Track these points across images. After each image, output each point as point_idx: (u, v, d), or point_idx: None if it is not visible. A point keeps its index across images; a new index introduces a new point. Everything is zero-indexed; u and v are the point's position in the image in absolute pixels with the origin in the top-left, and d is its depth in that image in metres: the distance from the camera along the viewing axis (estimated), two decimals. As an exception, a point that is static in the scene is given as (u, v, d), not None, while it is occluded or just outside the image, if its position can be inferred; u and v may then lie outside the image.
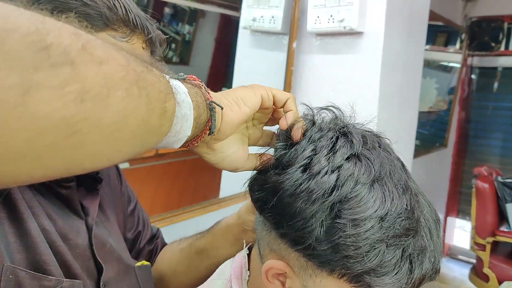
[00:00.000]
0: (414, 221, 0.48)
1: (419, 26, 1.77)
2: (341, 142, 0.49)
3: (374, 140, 0.52)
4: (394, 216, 0.47)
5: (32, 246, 0.51)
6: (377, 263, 0.46)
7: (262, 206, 0.52)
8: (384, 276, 0.47)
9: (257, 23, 1.67)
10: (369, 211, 0.46)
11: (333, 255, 0.46)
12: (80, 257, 0.59)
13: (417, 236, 0.49)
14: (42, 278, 0.51)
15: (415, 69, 1.79)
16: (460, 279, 3.26)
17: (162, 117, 0.36)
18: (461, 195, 3.72)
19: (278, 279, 0.53)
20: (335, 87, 1.56)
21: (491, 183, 2.70)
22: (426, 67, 3.14)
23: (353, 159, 0.49)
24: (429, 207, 0.54)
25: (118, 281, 0.65)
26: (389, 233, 0.46)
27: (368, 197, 0.46)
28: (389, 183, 0.48)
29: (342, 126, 0.52)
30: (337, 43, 1.54)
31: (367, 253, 0.45)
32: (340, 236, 0.46)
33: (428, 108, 3.38)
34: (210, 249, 0.77)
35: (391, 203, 0.47)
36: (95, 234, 0.62)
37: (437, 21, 3.02)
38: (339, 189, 0.46)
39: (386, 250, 0.46)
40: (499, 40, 3.38)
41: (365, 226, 0.45)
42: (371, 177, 0.48)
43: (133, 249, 0.82)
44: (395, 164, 0.52)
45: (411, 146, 1.86)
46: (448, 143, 3.56)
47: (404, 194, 0.49)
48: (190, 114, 0.40)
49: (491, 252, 2.63)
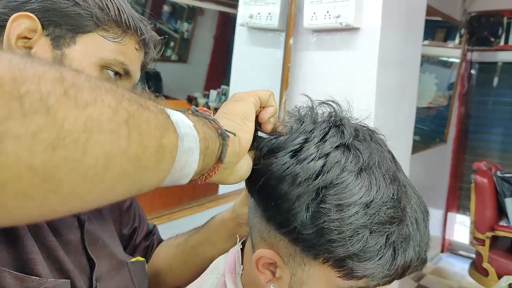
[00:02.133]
0: (400, 210, 0.49)
1: (416, 22, 1.77)
2: (332, 132, 0.51)
3: (366, 134, 0.54)
4: (379, 204, 0.48)
5: (19, 244, 0.51)
6: (360, 248, 0.47)
7: (251, 188, 0.54)
8: (367, 261, 0.48)
9: (254, 20, 1.67)
10: (354, 197, 0.47)
11: (317, 239, 0.48)
12: (72, 252, 0.59)
13: (402, 224, 0.50)
14: (25, 278, 0.50)
15: (412, 64, 1.79)
16: (461, 274, 3.27)
17: (159, 154, 0.35)
18: (461, 190, 3.72)
19: (269, 269, 0.54)
20: (332, 83, 1.56)
21: (490, 178, 2.70)
22: (425, 63, 3.14)
23: (341, 148, 0.50)
24: (418, 199, 0.55)
25: (110, 276, 0.65)
26: (373, 219, 0.47)
27: (354, 183, 0.48)
28: (377, 173, 0.50)
29: (337, 119, 0.53)
30: (334, 39, 1.54)
31: (350, 237, 0.47)
32: (324, 221, 0.47)
33: (428, 103, 3.38)
34: (205, 244, 0.77)
35: (377, 191, 0.48)
36: (88, 230, 0.63)
37: (436, 16, 3.01)
38: (325, 175, 0.48)
39: (370, 236, 0.47)
40: (498, 35, 3.37)
41: (349, 212, 0.47)
42: (359, 165, 0.49)
43: (129, 245, 0.82)
44: (384, 156, 0.53)
45: (409, 142, 1.86)
46: (448, 138, 3.56)
47: (392, 184, 0.50)
48: (196, 147, 0.39)
49: (491, 246, 2.63)
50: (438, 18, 3.07)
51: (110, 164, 0.30)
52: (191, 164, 0.39)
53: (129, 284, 0.69)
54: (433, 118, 3.57)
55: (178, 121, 0.38)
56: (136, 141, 0.32)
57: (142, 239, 0.84)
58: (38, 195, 0.27)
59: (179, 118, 0.39)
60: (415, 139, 2.33)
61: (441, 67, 3.54)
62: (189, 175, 0.40)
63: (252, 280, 0.59)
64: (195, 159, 0.39)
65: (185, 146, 0.37)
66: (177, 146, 0.37)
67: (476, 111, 3.67)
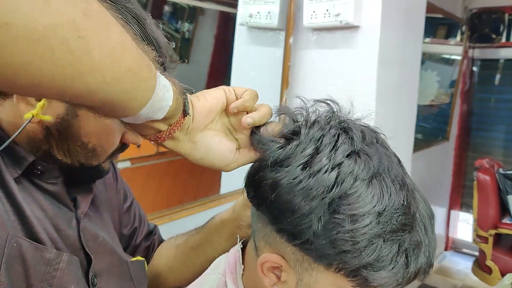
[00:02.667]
0: (410, 217, 0.49)
1: (416, 19, 1.76)
2: (342, 139, 0.50)
3: (372, 136, 0.53)
4: (391, 212, 0.47)
5: (30, 224, 0.53)
6: (374, 257, 0.47)
7: (260, 203, 0.52)
8: (380, 271, 0.47)
9: (253, 19, 1.67)
10: (367, 206, 0.46)
11: (330, 250, 0.47)
12: (70, 247, 0.60)
13: (413, 231, 0.49)
14: (43, 249, 0.52)
15: (413, 62, 1.79)
16: (464, 272, 3.26)
17: (149, 70, 0.41)
18: (464, 188, 3.71)
19: (274, 273, 0.54)
20: (333, 82, 1.56)
21: (492, 175, 2.69)
22: (427, 60, 3.13)
23: (353, 156, 0.49)
24: (424, 203, 0.54)
25: (109, 273, 0.66)
26: (386, 228, 0.47)
27: (366, 193, 0.47)
28: (387, 179, 0.49)
29: (341, 121, 0.52)
30: (334, 38, 1.54)
31: (364, 248, 0.46)
32: (338, 231, 0.46)
33: (430, 101, 3.37)
34: (205, 245, 0.77)
35: (388, 199, 0.48)
36: (84, 226, 0.63)
37: (437, 14, 3.01)
38: (339, 186, 0.47)
39: (383, 245, 0.47)
40: (500, 32, 3.36)
41: (363, 222, 0.46)
42: (370, 173, 0.48)
43: (130, 245, 0.82)
44: (392, 160, 0.52)
45: (411, 140, 1.86)
46: (450, 136, 3.55)
47: (401, 190, 0.49)
48: (169, 86, 0.44)
49: (494, 244, 2.62)
50: (439, 15, 3.06)
51: (124, 54, 0.37)
52: (168, 99, 0.43)
53: (129, 283, 0.70)
54: (435, 116, 3.56)
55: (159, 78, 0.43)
56: (137, 51, 0.39)
57: (143, 239, 0.85)
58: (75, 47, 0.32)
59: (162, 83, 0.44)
60: (417, 137, 2.33)
61: (442, 64, 3.53)
62: (165, 108, 0.44)
63: (253, 280, 0.59)
64: (170, 97, 0.44)
65: (162, 82, 0.43)
66: (157, 78, 0.42)
67: (478, 108, 3.65)
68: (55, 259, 0.53)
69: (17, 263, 0.50)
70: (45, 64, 0.31)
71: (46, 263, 0.52)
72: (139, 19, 0.55)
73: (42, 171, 0.59)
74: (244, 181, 0.55)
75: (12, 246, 0.49)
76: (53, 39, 0.30)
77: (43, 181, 0.59)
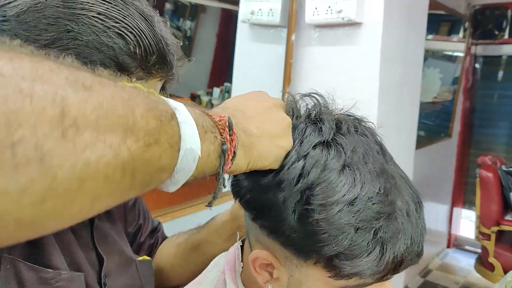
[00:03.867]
0: (387, 204, 0.48)
1: (419, 16, 1.76)
2: (309, 131, 0.50)
3: (350, 125, 0.52)
4: (364, 200, 0.47)
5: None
6: (347, 246, 0.46)
7: (240, 201, 0.54)
8: (354, 259, 0.47)
9: (255, 16, 1.67)
10: (337, 195, 0.46)
11: (305, 241, 0.47)
12: (83, 247, 0.60)
13: (390, 219, 0.48)
14: (40, 270, 0.52)
15: (415, 59, 1.78)
16: (467, 269, 3.25)
17: (141, 192, 0.33)
18: (466, 185, 3.69)
19: (266, 270, 0.54)
20: (335, 79, 1.55)
21: (495, 172, 2.68)
22: (430, 57, 3.12)
23: (320, 146, 0.49)
24: (410, 189, 0.53)
25: (118, 272, 0.66)
26: (358, 216, 0.46)
27: (336, 182, 0.47)
28: (362, 167, 0.49)
29: (314, 114, 0.53)
30: (336, 35, 1.54)
31: (335, 237, 0.46)
32: (310, 222, 0.47)
33: (433, 98, 3.36)
34: (205, 245, 0.78)
35: (361, 188, 0.47)
36: (97, 226, 0.64)
37: (440, 10, 2.99)
38: (306, 177, 0.47)
39: (356, 234, 0.46)
40: (503, 28, 3.34)
41: (332, 211, 0.46)
42: (341, 162, 0.48)
43: (134, 244, 0.82)
44: (371, 147, 0.51)
45: (413, 137, 1.85)
46: (453, 133, 3.54)
47: (378, 178, 0.49)
48: (182, 181, 0.37)
49: (496, 241, 2.61)
50: (441, 12, 3.05)
51: (94, 207, 0.29)
52: (172, 188, 0.38)
53: (136, 281, 0.70)
54: (438, 113, 3.55)
55: (186, 153, 0.35)
56: (126, 184, 0.30)
57: (147, 237, 0.85)
58: (22, 238, 0.26)
59: (191, 147, 0.35)
60: (420, 134, 2.32)
61: (445, 61, 3.52)
62: (169, 191, 0.38)
63: (251, 278, 0.59)
64: (178, 186, 0.37)
65: (173, 181, 0.36)
66: (165, 184, 0.36)
67: (481, 105, 3.64)
68: (53, 278, 0.52)
69: (13, 284, 0.49)
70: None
71: (43, 283, 0.52)
72: (147, 17, 0.53)
73: None
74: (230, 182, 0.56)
75: (5, 268, 0.48)
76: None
77: None
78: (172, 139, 0.33)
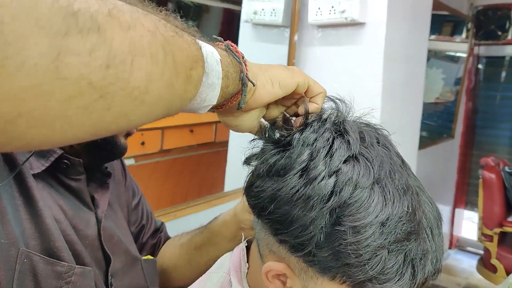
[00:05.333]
0: (416, 224, 0.47)
1: (422, 16, 1.75)
2: (338, 144, 0.48)
3: (372, 136, 0.50)
4: (395, 220, 0.45)
5: (47, 232, 0.53)
6: (379, 270, 0.45)
7: (260, 213, 0.50)
8: (386, 283, 0.46)
9: (258, 16, 1.66)
10: (370, 217, 0.44)
11: (334, 262, 0.46)
12: (89, 247, 0.60)
13: (419, 239, 0.47)
14: (55, 263, 0.53)
15: (419, 59, 1.77)
16: (469, 270, 3.24)
17: (187, 83, 0.37)
18: (469, 186, 3.69)
19: (279, 279, 0.52)
20: (338, 79, 1.55)
21: (498, 173, 2.67)
22: (432, 58, 3.12)
23: (351, 161, 0.47)
24: (431, 204, 0.52)
25: (124, 272, 0.66)
26: (390, 238, 0.45)
27: (368, 202, 0.45)
28: (389, 185, 0.47)
29: (338, 123, 0.50)
30: (339, 35, 1.53)
31: (368, 260, 0.44)
32: (340, 244, 0.44)
33: (435, 99, 3.35)
34: (208, 245, 0.77)
35: (391, 207, 0.45)
36: (104, 226, 0.64)
37: (443, 11, 2.98)
38: (337, 195, 0.45)
39: (388, 257, 0.45)
40: (506, 29, 3.33)
41: (366, 233, 0.44)
42: (371, 179, 0.46)
43: (136, 244, 0.82)
44: (394, 162, 0.50)
45: (416, 137, 1.85)
46: (456, 134, 3.53)
47: (405, 195, 0.47)
48: (218, 83, 0.40)
49: (499, 243, 2.60)
50: (444, 12, 3.04)
51: (150, 87, 0.32)
52: (212, 98, 0.41)
53: (141, 281, 0.70)
54: (440, 114, 3.54)
55: (207, 54, 0.39)
56: (171, 67, 0.34)
57: (150, 237, 0.85)
58: (96, 111, 0.29)
59: (209, 50, 0.40)
60: (423, 135, 2.32)
61: (448, 62, 3.51)
62: (207, 108, 0.42)
63: (257, 279, 0.58)
64: (216, 95, 0.41)
65: (209, 81, 0.39)
66: (202, 81, 0.39)
67: (483, 106, 3.63)
68: (67, 272, 0.53)
69: (28, 278, 0.50)
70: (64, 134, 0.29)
71: (57, 276, 0.53)
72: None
73: (67, 165, 0.59)
74: (243, 189, 0.54)
75: (22, 262, 0.49)
76: (70, 112, 0.28)
77: (67, 176, 0.59)
78: (194, 37, 0.39)
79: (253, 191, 0.51)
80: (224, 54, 0.43)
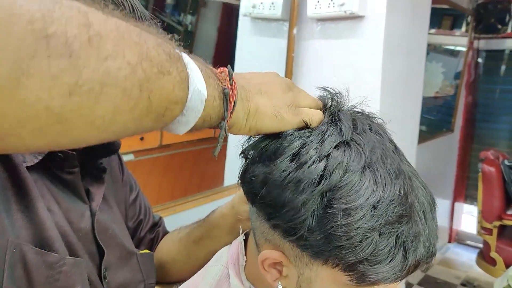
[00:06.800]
0: (408, 207, 0.47)
1: (422, 9, 1.74)
2: (330, 131, 0.49)
3: (364, 123, 0.51)
4: (387, 203, 0.46)
5: (39, 223, 0.53)
6: (370, 252, 0.45)
7: (253, 198, 0.51)
8: (378, 265, 0.46)
9: (257, 10, 1.66)
10: (361, 199, 0.45)
11: (325, 245, 0.46)
12: (82, 240, 0.60)
13: (411, 222, 0.48)
14: (45, 254, 0.52)
15: (418, 53, 1.77)
16: (468, 264, 3.26)
17: (157, 121, 0.36)
18: (468, 180, 3.69)
19: (275, 268, 0.53)
20: (337, 73, 1.54)
21: (497, 167, 2.67)
22: (432, 52, 3.11)
23: (342, 146, 0.48)
24: (424, 189, 0.52)
25: (118, 265, 0.66)
26: (381, 221, 0.45)
27: (359, 185, 0.45)
28: (381, 169, 0.47)
29: (332, 113, 0.51)
30: (338, 28, 1.53)
31: (359, 242, 0.45)
32: (331, 226, 0.45)
33: (435, 93, 3.35)
34: (207, 239, 0.77)
35: (383, 190, 0.46)
36: (98, 219, 0.64)
37: (443, 4, 2.97)
38: (328, 178, 0.46)
39: (379, 239, 0.45)
40: (505, 22, 3.33)
41: (356, 216, 0.45)
42: (362, 163, 0.47)
43: (134, 238, 0.82)
44: (387, 147, 0.50)
45: (415, 131, 1.84)
46: (455, 128, 3.53)
47: (397, 179, 0.48)
48: (193, 121, 0.39)
49: (498, 236, 2.61)
50: (444, 6, 3.03)
51: (116, 118, 0.31)
52: (180, 131, 0.40)
53: (137, 275, 0.70)
54: (440, 108, 3.54)
55: (194, 93, 0.37)
56: (144, 105, 0.33)
57: (147, 232, 0.85)
58: (51, 134, 0.29)
59: (198, 88, 0.38)
60: (422, 129, 2.32)
61: (447, 56, 3.50)
62: (179, 133, 0.41)
63: (255, 272, 0.58)
64: (185, 130, 0.40)
65: (183, 120, 0.38)
66: (175, 119, 0.38)
67: (483, 99, 3.63)
68: (58, 262, 0.53)
69: (19, 267, 0.50)
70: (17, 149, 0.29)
71: (48, 266, 0.52)
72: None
73: (62, 158, 0.58)
74: (238, 177, 0.54)
75: (12, 252, 0.49)
76: (24, 134, 0.27)
77: (61, 169, 0.59)
78: (183, 73, 0.36)
79: (246, 177, 0.52)
80: (215, 94, 0.41)
